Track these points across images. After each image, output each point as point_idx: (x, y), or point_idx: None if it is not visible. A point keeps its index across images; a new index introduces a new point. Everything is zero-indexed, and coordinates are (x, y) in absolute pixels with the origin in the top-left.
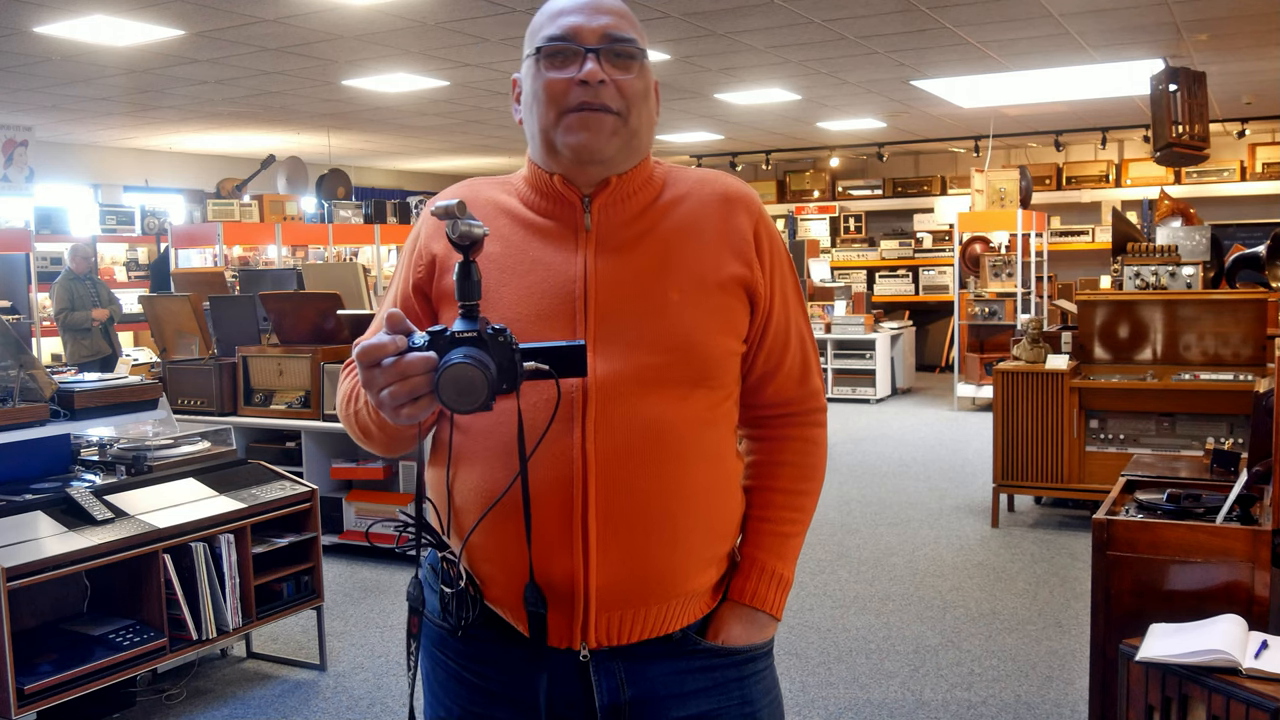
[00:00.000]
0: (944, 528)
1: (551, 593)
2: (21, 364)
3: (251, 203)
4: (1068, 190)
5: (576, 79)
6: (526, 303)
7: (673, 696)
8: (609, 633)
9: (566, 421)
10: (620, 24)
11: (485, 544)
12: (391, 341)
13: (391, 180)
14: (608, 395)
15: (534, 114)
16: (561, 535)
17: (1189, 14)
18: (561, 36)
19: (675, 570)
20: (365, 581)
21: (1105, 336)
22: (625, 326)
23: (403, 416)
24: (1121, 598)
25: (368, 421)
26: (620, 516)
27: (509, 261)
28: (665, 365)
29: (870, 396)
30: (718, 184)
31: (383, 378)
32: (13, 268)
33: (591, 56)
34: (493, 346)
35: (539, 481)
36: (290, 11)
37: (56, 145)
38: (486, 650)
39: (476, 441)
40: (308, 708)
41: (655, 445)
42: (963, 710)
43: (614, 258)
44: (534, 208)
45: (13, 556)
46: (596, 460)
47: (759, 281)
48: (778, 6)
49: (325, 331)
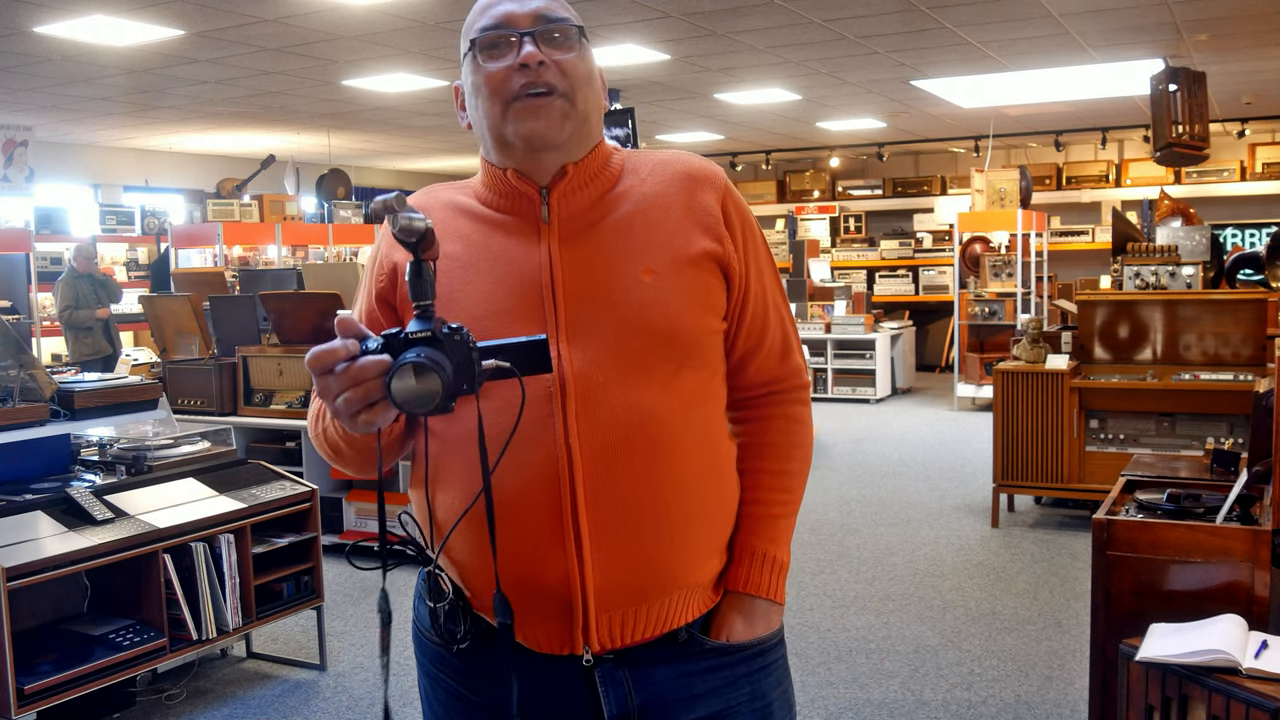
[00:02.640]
0: (944, 528)
1: (548, 596)
2: (21, 364)
3: (251, 203)
4: (1068, 190)
5: (516, 64)
6: (492, 299)
7: (681, 700)
8: (611, 634)
9: (547, 417)
10: (552, 6)
11: (468, 554)
12: (343, 346)
13: (391, 180)
14: (587, 386)
15: (480, 110)
16: (553, 536)
17: (1189, 14)
18: (494, 25)
19: (674, 563)
20: (365, 581)
21: (1105, 336)
22: (598, 313)
23: (360, 424)
24: (1121, 598)
25: (336, 439)
26: (612, 511)
27: (471, 259)
28: (645, 349)
29: (870, 396)
30: (678, 163)
31: (336, 384)
32: (13, 268)
33: (529, 39)
34: (449, 345)
35: (524, 483)
36: (290, 11)
37: (56, 145)
38: (482, 666)
39: (452, 450)
40: (308, 708)
41: (642, 433)
42: (963, 710)
43: (578, 245)
44: (491, 205)
45: (13, 556)
46: (582, 454)
47: (732, 256)
48: (778, 6)
49: (325, 331)
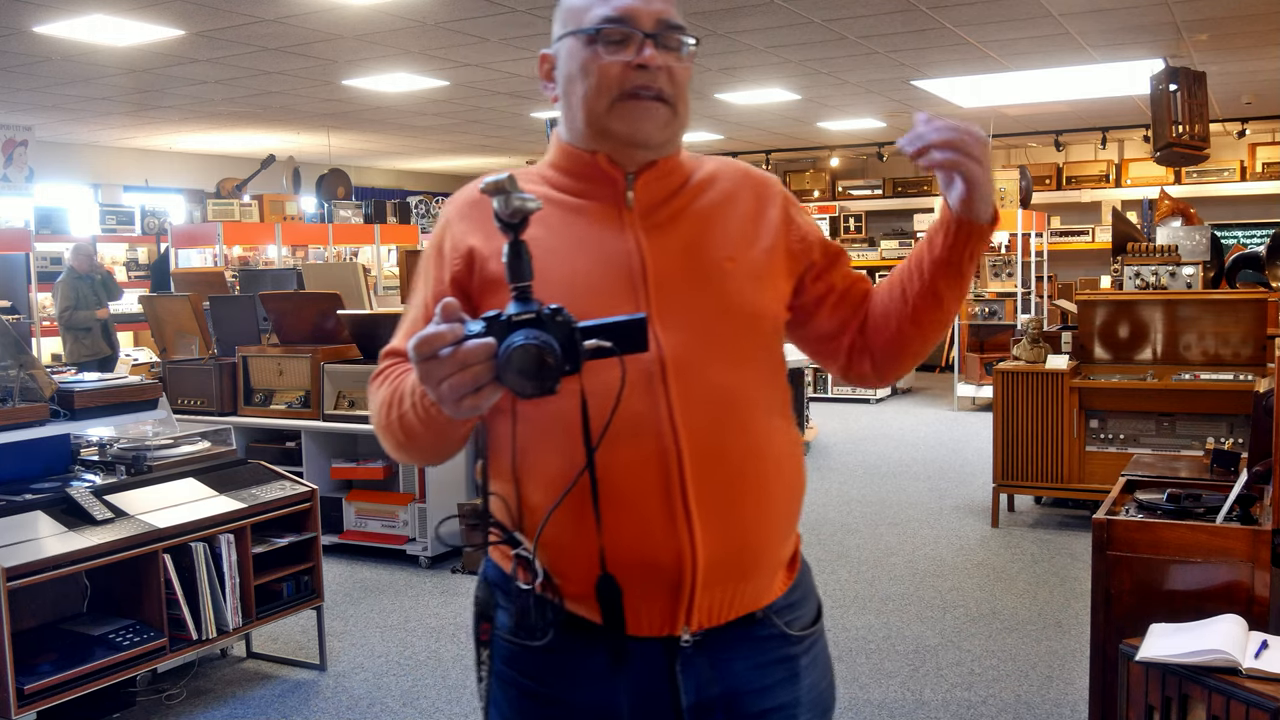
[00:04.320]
0: (944, 528)
1: (657, 575)
2: (21, 364)
3: (251, 203)
4: (1068, 190)
5: (633, 63)
6: (583, 280)
7: (753, 691)
8: (710, 612)
9: (649, 396)
10: (671, 10)
11: (570, 537)
12: (449, 330)
13: (391, 180)
14: (683, 366)
15: (580, 96)
16: (664, 514)
17: (1189, 14)
18: (618, 19)
19: (769, 538)
20: (365, 581)
21: (1105, 336)
22: (686, 297)
23: (464, 408)
24: (1121, 598)
25: (414, 424)
26: (717, 488)
27: (552, 243)
28: (730, 332)
29: (870, 396)
30: (741, 166)
31: (441, 369)
32: (13, 268)
33: (649, 41)
34: (551, 326)
35: (629, 462)
36: (290, 11)
37: (56, 145)
38: (564, 662)
39: (543, 432)
40: (308, 708)
41: (735, 413)
42: (963, 710)
43: (663, 232)
44: (567, 189)
45: (13, 556)
46: (686, 432)
47: (797, 243)
48: (778, 6)
49: (325, 331)
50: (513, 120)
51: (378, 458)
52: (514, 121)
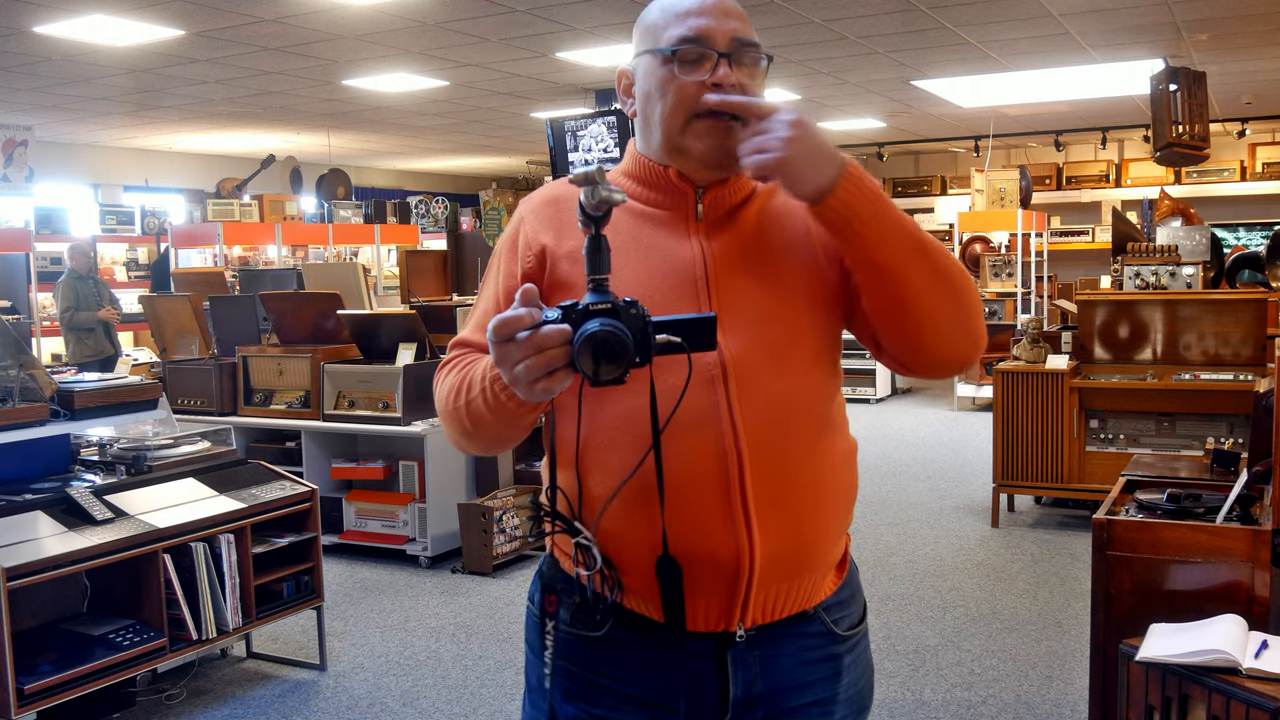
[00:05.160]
0: (944, 528)
1: (715, 571)
2: (21, 364)
3: (251, 203)
4: (1068, 190)
5: (709, 82)
6: (648, 283)
7: (796, 687)
8: (765, 609)
9: (710, 395)
10: (746, 28)
11: (630, 528)
12: (528, 313)
13: (391, 180)
14: (743, 370)
15: (656, 112)
16: (723, 510)
17: (1189, 14)
18: (694, 39)
19: (823, 538)
20: (365, 581)
21: (1105, 336)
22: (747, 305)
23: (537, 391)
24: (1121, 598)
25: (481, 410)
26: (775, 487)
27: (623, 246)
28: (789, 340)
29: (870, 396)
30: None
31: (518, 352)
32: (13, 268)
33: (724, 61)
34: (626, 318)
35: (691, 457)
36: (290, 11)
37: (56, 145)
38: (621, 653)
39: (608, 424)
40: (308, 708)
41: (793, 416)
42: (963, 710)
43: (726, 242)
44: (640, 198)
45: (13, 556)
46: (746, 432)
47: None
48: (778, 6)
49: (325, 331)
50: (513, 120)
51: (377, 458)
52: (514, 121)
